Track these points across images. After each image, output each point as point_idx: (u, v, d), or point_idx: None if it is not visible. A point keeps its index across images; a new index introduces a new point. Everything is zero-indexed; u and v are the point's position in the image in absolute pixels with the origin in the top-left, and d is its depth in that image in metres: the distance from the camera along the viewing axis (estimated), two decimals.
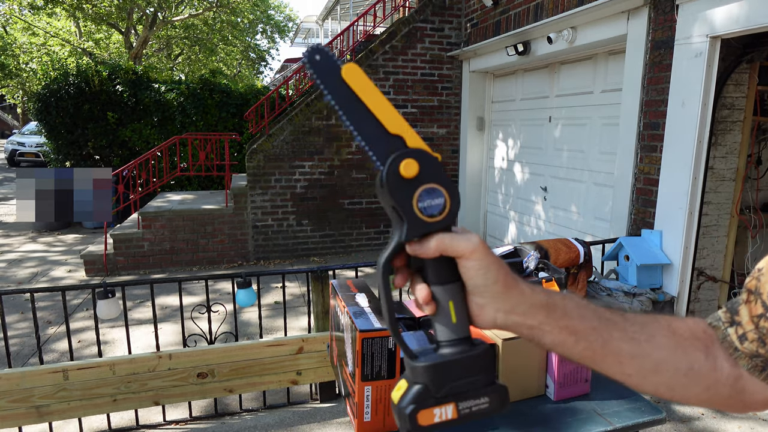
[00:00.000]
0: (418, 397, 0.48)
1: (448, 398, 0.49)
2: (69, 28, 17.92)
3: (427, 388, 0.48)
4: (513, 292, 0.50)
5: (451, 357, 0.49)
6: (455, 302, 0.50)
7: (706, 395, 0.54)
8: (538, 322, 0.51)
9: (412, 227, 0.48)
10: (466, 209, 6.96)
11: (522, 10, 5.27)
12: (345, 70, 0.48)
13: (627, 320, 0.55)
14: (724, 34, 3.11)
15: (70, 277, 5.98)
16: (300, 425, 2.96)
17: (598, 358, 0.53)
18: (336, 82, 0.48)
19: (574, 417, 1.25)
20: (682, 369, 0.54)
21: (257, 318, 3.28)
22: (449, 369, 0.49)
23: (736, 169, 3.61)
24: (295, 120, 6.47)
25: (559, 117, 5.28)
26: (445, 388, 0.48)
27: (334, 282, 1.36)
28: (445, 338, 0.50)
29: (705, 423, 2.93)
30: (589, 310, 0.54)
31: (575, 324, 0.52)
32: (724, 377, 0.54)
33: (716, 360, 0.54)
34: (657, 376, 0.54)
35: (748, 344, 0.53)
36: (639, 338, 0.54)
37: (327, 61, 0.48)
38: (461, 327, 0.50)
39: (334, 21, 15.83)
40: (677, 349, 0.54)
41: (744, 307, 0.54)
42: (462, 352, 0.49)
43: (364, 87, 0.49)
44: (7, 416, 2.54)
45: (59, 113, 8.27)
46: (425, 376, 0.49)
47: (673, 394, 0.55)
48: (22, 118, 23.51)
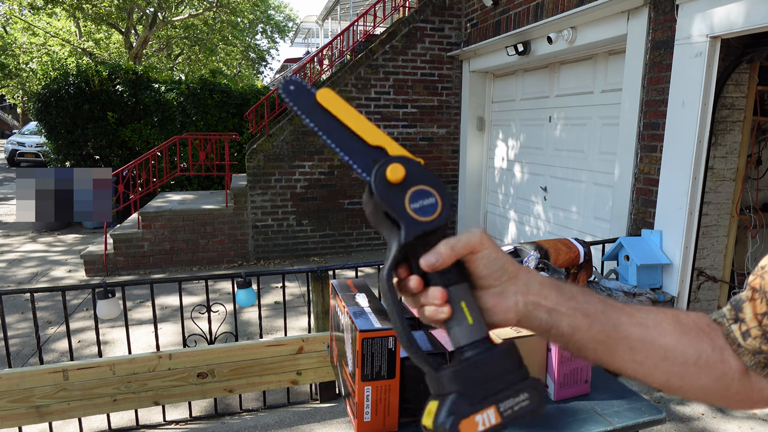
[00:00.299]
0: (455, 406, 0.45)
1: (487, 401, 0.45)
2: (69, 28, 17.92)
3: (461, 394, 0.45)
4: (522, 271, 0.51)
5: (478, 357, 0.47)
6: (467, 302, 0.49)
7: (717, 386, 0.54)
8: (554, 303, 0.51)
9: (410, 228, 0.48)
10: (466, 209, 6.96)
11: (522, 10, 5.27)
12: (320, 94, 0.50)
13: (631, 307, 0.55)
14: (724, 34, 3.11)
15: (70, 277, 5.98)
16: (300, 425, 2.96)
17: (612, 344, 0.52)
18: (312, 107, 0.50)
19: (574, 417, 1.25)
20: (691, 357, 0.53)
21: (257, 318, 3.29)
22: (479, 369, 0.46)
23: (736, 169, 3.61)
24: (295, 120, 6.47)
25: (559, 117, 5.28)
26: (480, 390, 0.45)
27: (334, 282, 1.36)
28: (466, 342, 0.48)
29: (705, 423, 2.93)
30: (593, 295, 0.54)
31: (585, 306, 0.52)
32: (732, 370, 0.54)
33: (723, 352, 0.54)
34: (667, 364, 0.53)
35: (751, 341, 0.54)
36: (647, 323, 0.54)
37: (301, 90, 0.50)
38: (478, 327, 0.48)
39: (334, 21, 15.83)
40: (683, 338, 0.54)
41: (748, 305, 0.55)
42: (487, 350, 0.47)
43: (340, 107, 0.50)
44: (7, 416, 2.54)
45: (59, 113, 8.27)
46: (456, 383, 0.46)
47: (683, 385, 0.54)
48: (22, 118, 23.52)
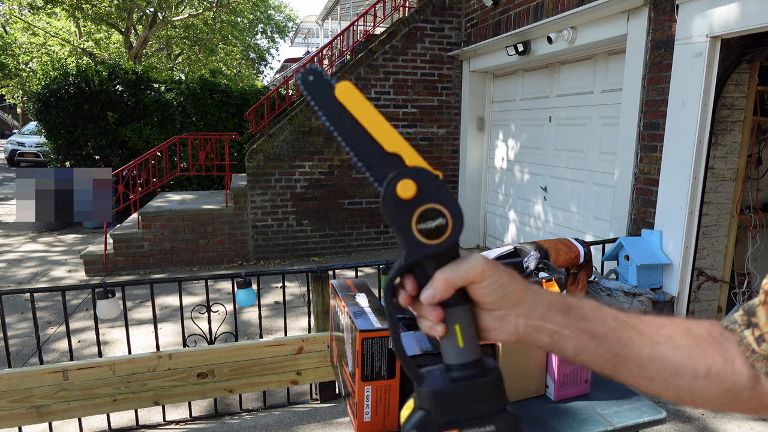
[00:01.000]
0: (421, 423, 0.47)
1: (452, 425, 0.47)
2: (69, 28, 17.91)
3: (430, 414, 0.47)
4: (528, 294, 0.50)
5: (457, 384, 0.48)
6: (462, 325, 0.48)
7: (727, 398, 0.53)
8: (558, 326, 0.50)
9: (412, 250, 0.47)
10: (467, 209, 6.96)
11: (522, 10, 5.27)
12: (339, 89, 0.47)
13: (643, 322, 0.54)
14: (724, 34, 3.11)
15: (70, 277, 5.98)
16: (300, 425, 2.96)
17: (620, 363, 0.52)
18: (330, 103, 0.47)
19: (574, 417, 1.25)
20: (701, 371, 0.53)
21: (257, 318, 3.28)
22: (454, 396, 0.47)
23: (736, 169, 3.61)
24: (295, 120, 6.47)
25: (559, 117, 5.28)
26: (450, 414, 0.47)
27: (334, 282, 1.36)
28: (453, 362, 0.49)
29: (705, 423, 2.93)
30: (605, 312, 0.53)
31: (594, 327, 0.51)
32: (743, 380, 0.53)
33: (734, 363, 0.53)
34: (677, 379, 0.53)
35: (766, 346, 0.52)
36: (657, 340, 0.53)
37: (320, 81, 0.47)
38: (469, 351, 0.49)
39: (334, 21, 15.83)
40: (694, 351, 0.53)
41: (762, 309, 0.53)
42: (469, 378, 0.48)
43: (359, 105, 0.47)
44: (7, 416, 2.54)
45: (59, 113, 8.27)
46: (429, 402, 0.47)
47: (694, 398, 0.54)
48: (22, 118, 23.52)
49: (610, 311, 0.53)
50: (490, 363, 0.50)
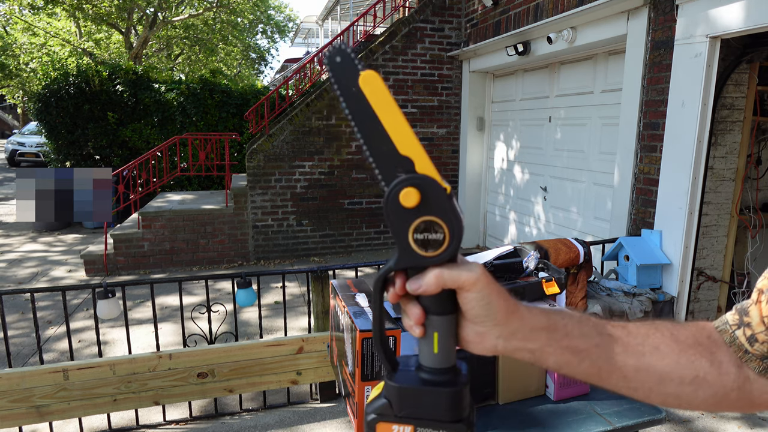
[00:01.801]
0: (381, 410, 0.50)
1: (408, 420, 0.49)
2: (69, 28, 17.92)
3: (390, 405, 0.50)
4: (513, 318, 0.50)
5: (423, 387, 0.49)
6: (441, 333, 0.49)
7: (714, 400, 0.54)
8: (540, 345, 0.51)
9: (403, 258, 0.47)
10: (466, 210, 6.96)
11: (522, 10, 5.27)
12: (363, 77, 0.45)
13: (629, 333, 0.54)
14: (724, 34, 3.11)
15: (70, 277, 5.98)
16: (300, 425, 2.96)
17: (604, 375, 0.53)
18: (353, 90, 0.45)
19: (574, 417, 1.25)
20: (687, 378, 0.53)
21: (257, 318, 3.29)
22: (417, 396, 0.49)
23: (736, 169, 3.61)
24: (295, 120, 6.47)
25: (559, 117, 5.28)
26: (405, 411, 0.49)
27: (334, 282, 1.37)
28: (427, 364, 0.50)
29: (705, 423, 2.93)
30: (590, 326, 0.53)
31: (577, 343, 0.52)
32: (730, 381, 0.53)
33: (721, 365, 0.53)
34: (663, 386, 0.53)
35: (758, 346, 0.52)
36: (642, 351, 0.53)
37: (347, 64, 0.45)
38: (443, 358, 0.50)
39: (334, 21, 15.83)
40: (681, 358, 0.53)
41: (754, 308, 0.53)
42: (436, 384, 0.49)
43: (381, 99, 0.45)
44: (7, 416, 2.54)
45: (59, 113, 8.27)
46: (391, 394, 0.50)
47: (681, 403, 0.54)
48: (22, 118, 23.53)
49: (595, 324, 0.53)
50: (462, 374, 0.51)
